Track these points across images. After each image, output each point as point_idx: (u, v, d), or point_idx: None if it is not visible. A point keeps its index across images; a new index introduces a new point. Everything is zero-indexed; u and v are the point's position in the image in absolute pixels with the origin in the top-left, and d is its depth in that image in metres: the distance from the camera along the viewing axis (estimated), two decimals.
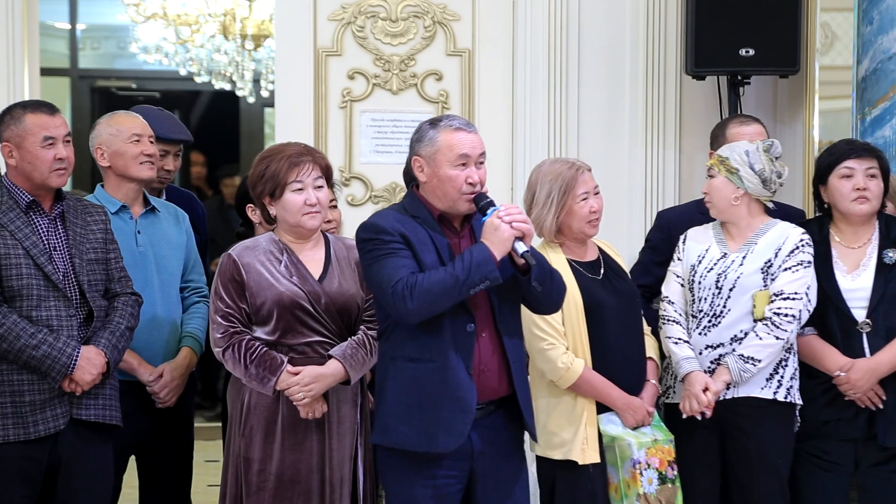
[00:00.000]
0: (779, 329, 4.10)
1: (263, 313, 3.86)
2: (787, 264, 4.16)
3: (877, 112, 4.92)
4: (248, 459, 3.88)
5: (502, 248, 3.56)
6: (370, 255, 3.66)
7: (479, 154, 3.70)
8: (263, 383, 3.82)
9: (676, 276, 4.30)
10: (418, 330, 3.63)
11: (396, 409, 3.67)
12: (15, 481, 3.95)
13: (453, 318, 3.62)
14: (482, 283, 3.55)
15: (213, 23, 8.98)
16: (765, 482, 4.17)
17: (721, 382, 4.13)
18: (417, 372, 3.65)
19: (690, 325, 4.24)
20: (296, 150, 3.94)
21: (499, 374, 3.71)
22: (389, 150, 5.79)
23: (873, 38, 4.96)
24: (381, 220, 3.70)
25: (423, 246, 3.65)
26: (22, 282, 3.94)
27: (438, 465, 3.66)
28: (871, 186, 4.24)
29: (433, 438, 3.62)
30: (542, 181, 4.16)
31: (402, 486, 3.70)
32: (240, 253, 3.91)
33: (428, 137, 3.72)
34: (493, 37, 5.85)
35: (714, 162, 4.26)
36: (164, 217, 4.55)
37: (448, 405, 3.61)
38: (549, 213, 4.12)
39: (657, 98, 5.80)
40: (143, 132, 4.47)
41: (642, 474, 4.03)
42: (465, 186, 3.66)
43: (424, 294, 3.54)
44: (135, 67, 11.10)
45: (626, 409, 4.10)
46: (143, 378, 4.35)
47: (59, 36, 10.87)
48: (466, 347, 3.64)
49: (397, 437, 3.67)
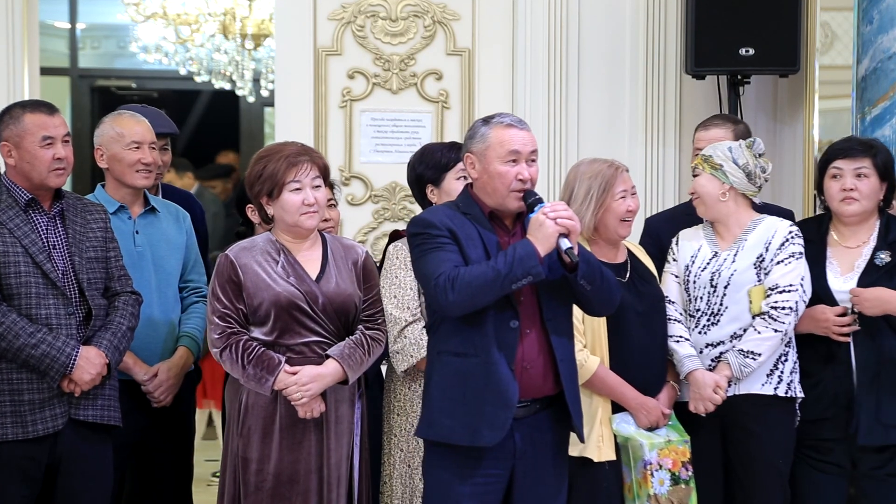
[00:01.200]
0: (777, 322, 4.11)
1: (261, 314, 3.86)
2: (779, 257, 4.16)
3: (877, 111, 4.92)
4: (245, 459, 3.88)
5: (546, 244, 3.56)
6: (418, 249, 3.69)
7: (531, 151, 3.70)
8: (261, 383, 3.82)
9: (674, 276, 4.31)
10: (463, 324, 3.64)
11: (441, 403, 3.68)
12: (15, 481, 3.95)
13: (497, 314, 3.63)
14: (525, 279, 3.54)
15: (213, 22, 8.98)
16: (766, 479, 4.17)
17: (723, 378, 4.13)
18: (461, 366, 3.66)
19: (690, 324, 4.25)
20: (293, 149, 3.93)
21: (544, 372, 3.70)
22: (389, 150, 5.79)
23: (873, 37, 4.96)
24: (431, 215, 3.73)
25: (471, 242, 3.66)
26: (21, 280, 3.94)
27: (480, 463, 3.66)
28: (860, 187, 4.21)
29: (476, 432, 3.62)
30: (581, 179, 4.16)
31: (440, 479, 3.71)
32: (237, 253, 3.91)
33: (480, 134, 3.73)
34: (493, 37, 5.86)
35: (698, 161, 4.28)
36: (164, 217, 4.54)
37: (490, 399, 3.62)
38: (587, 209, 4.12)
39: (657, 98, 5.81)
40: (143, 139, 4.44)
41: (653, 475, 4.04)
42: (515, 183, 3.66)
43: (466, 287, 3.55)
44: (135, 67, 11.10)
45: (640, 409, 4.10)
46: (138, 377, 4.34)
47: (59, 35, 10.87)
48: (509, 343, 3.64)
49: (442, 431, 3.68)
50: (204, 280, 4.60)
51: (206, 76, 9.44)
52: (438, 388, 3.70)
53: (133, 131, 4.44)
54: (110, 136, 4.42)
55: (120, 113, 4.56)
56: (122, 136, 4.42)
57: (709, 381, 4.12)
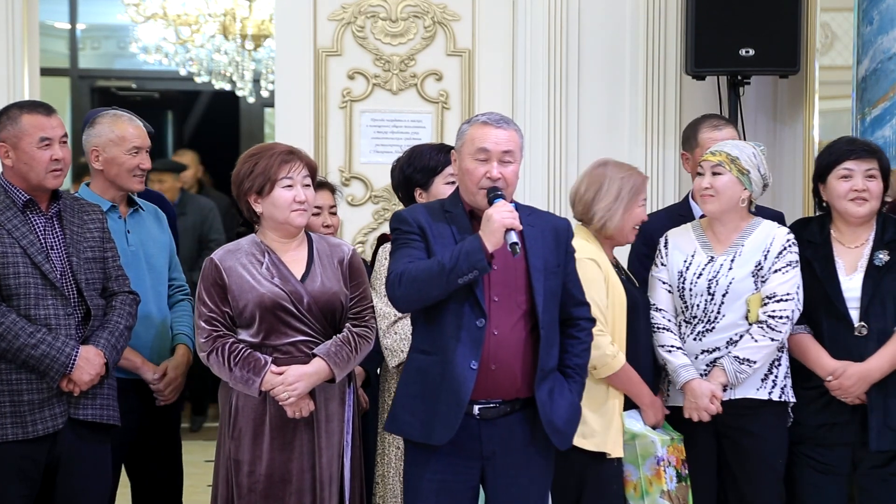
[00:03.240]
0: (774, 331, 4.11)
1: (246, 316, 3.86)
2: (777, 266, 4.15)
3: (877, 112, 4.92)
4: (237, 461, 3.88)
5: (493, 238, 3.55)
6: (392, 245, 3.75)
7: (503, 151, 3.68)
8: (248, 385, 3.82)
9: (662, 282, 4.27)
10: (428, 322, 3.67)
11: (403, 399, 3.74)
12: (14, 481, 3.95)
13: (460, 313, 3.63)
14: (470, 273, 3.54)
15: (213, 23, 8.97)
16: (762, 481, 4.18)
17: (719, 387, 4.13)
18: (423, 363, 3.69)
19: (684, 330, 4.23)
20: (284, 148, 3.96)
21: (520, 374, 3.69)
22: (389, 150, 5.79)
23: (873, 38, 4.95)
24: (406, 211, 3.77)
25: (441, 240, 3.67)
26: (20, 281, 3.94)
27: (447, 459, 3.67)
28: (871, 187, 4.22)
29: (431, 430, 3.65)
30: (612, 178, 4.14)
31: (411, 475, 3.75)
32: (221, 256, 3.91)
33: (461, 131, 3.77)
34: (493, 37, 5.86)
35: (723, 159, 4.19)
36: (147, 216, 4.54)
37: (444, 398, 3.63)
38: (617, 210, 4.12)
39: (657, 98, 5.80)
40: (142, 144, 4.42)
41: (665, 471, 4.05)
42: (483, 181, 3.66)
43: (412, 281, 3.58)
44: (135, 67, 11.09)
45: (652, 406, 4.13)
46: (147, 377, 4.35)
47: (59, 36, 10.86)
48: (474, 343, 3.63)
49: (402, 426, 3.74)
50: (184, 278, 4.63)
51: (206, 77, 9.43)
52: (403, 383, 3.76)
53: (133, 137, 4.42)
54: (109, 140, 4.38)
55: (117, 115, 4.50)
56: (124, 139, 4.39)
57: (705, 392, 4.12)
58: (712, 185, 4.20)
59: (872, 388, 4.16)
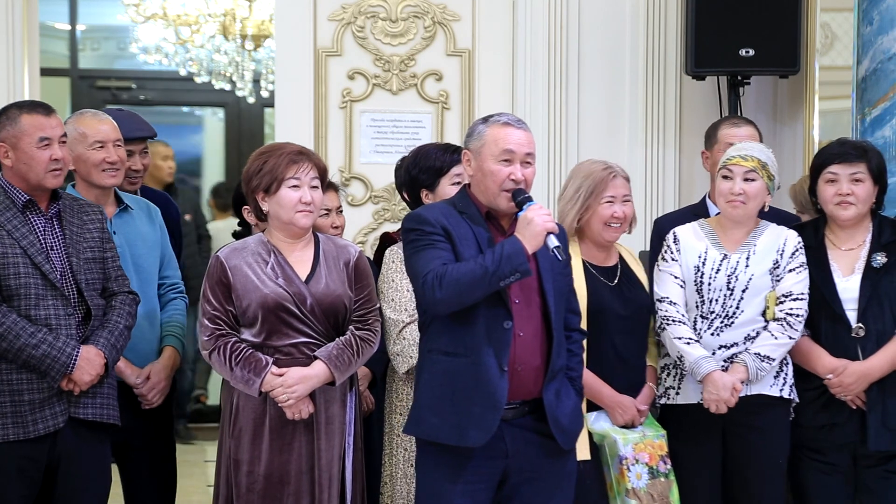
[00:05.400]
0: (792, 329, 4.13)
1: (249, 315, 3.86)
2: (791, 266, 4.18)
3: (877, 112, 4.92)
4: (237, 461, 3.88)
5: (534, 241, 3.57)
6: (411, 246, 3.68)
7: (526, 153, 3.69)
8: (249, 385, 3.82)
9: (674, 276, 4.25)
10: (454, 324, 3.64)
11: (429, 401, 3.68)
12: (14, 480, 3.95)
13: (490, 314, 3.63)
14: (512, 276, 3.54)
15: (213, 23, 8.97)
16: (769, 476, 4.20)
17: (738, 381, 4.13)
18: (451, 365, 3.66)
19: (701, 325, 4.22)
20: (294, 148, 3.95)
21: (535, 375, 3.70)
22: (389, 151, 5.79)
23: (873, 38, 4.95)
24: (426, 212, 3.72)
25: (465, 241, 3.65)
26: (20, 281, 3.94)
27: (469, 462, 3.65)
28: (857, 191, 4.21)
29: (464, 432, 3.62)
30: (575, 177, 4.19)
31: (432, 478, 3.71)
32: (227, 255, 3.91)
33: (477, 132, 3.74)
34: (493, 37, 5.86)
35: (756, 165, 4.17)
36: (138, 214, 4.51)
37: (479, 400, 3.61)
38: (572, 208, 4.14)
39: (657, 98, 5.80)
40: (106, 138, 4.38)
41: (629, 469, 4.05)
42: (507, 182, 3.66)
43: (453, 284, 3.55)
44: (135, 68, 11.08)
45: (615, 406, 4.11)
46: (130, 380, 4.33)
47: (59, 36, 10.85)
48: (502, 344, 3.63)
49: (429, 429, 3.68)
50: (179, 275, 4.60)
51: (206, 77, 9.43)
52: (427, 385, 3.70)
53: (95, 131, 4.39)
54: (73, 138, 4.33)
55: (82, 113, 4.49)
56: (85, 136, 4.38)
57: (727, 384, 4.11)
58: (745, 191, 4.18)
59: (871, 388, 4.17)
